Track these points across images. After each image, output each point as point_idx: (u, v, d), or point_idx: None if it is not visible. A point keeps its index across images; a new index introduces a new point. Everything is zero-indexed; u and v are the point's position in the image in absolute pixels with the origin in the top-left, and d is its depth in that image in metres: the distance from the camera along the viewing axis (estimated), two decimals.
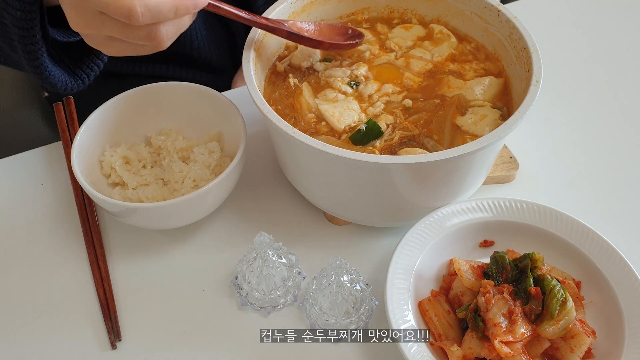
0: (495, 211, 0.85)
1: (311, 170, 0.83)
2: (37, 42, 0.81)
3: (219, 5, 0.78)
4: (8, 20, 0.80)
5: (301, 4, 0.95)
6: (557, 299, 0.71)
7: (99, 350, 0.81)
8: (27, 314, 0.84)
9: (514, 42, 0.88)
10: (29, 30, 0.80)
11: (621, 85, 1.14)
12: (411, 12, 1.01)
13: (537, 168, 0.99)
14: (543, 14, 1.28)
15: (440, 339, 0.76)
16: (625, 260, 0.78)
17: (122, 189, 0.90)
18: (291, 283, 0.83)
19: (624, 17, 1.28)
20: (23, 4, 0.77)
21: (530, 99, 0.78)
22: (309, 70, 0.94)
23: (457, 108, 0.87)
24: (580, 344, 0.72)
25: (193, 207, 0.84)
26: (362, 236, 0.91)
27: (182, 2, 0.69)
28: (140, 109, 0.95)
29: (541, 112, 1.05)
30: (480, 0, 0.92)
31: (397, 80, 0.92)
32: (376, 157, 0.73)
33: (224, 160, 0.93)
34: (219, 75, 1.27)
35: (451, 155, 0.72)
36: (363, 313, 0.80)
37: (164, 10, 0.68)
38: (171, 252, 0.90)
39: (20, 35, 0.80)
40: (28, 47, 0.81)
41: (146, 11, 0.66)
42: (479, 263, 0.80)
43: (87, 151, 0.90)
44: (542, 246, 0.82)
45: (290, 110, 0.88)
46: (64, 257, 0.90)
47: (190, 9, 0.71)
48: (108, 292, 0.85)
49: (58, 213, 0.95)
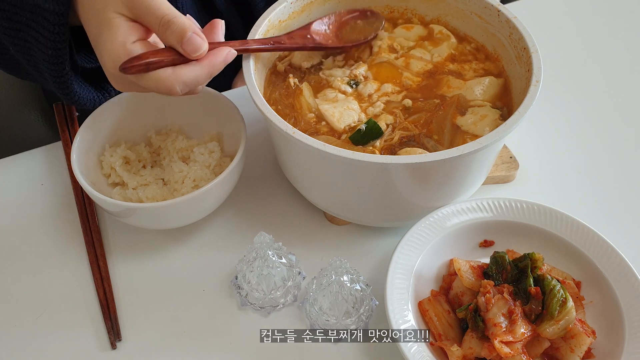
0: (495, 211, 0.85)
1: (311, 170, 0.83)
2: (66, 73, 0.84)
3: (247, 47, 0.83)
4: (39, 56, 0.82)
5: (301, 4, 0.95)
6: (557, 299, 0.71)
7: (99, 350, 0.81)
8: (27, 314, 0.84)
9: (514, 42, 0.88)
10: (59, 65, 0.82)
11: (621, 85, 1.14)
12: (411, 12, 1.01)
13: (537, 168, 0.99)
14: (543, 14, 1.28)
15: (440, 339, 0.76)
16: (625, 260, 0.78)
17: (122, 189, 0.90)
18: (291, 283, 0.83)
19: (624, 17, 1.28)
20: (54, 43, 0.79)
21: (530, 99, 0.78)
22: (309, 70, 0.94)
23: (457, 108, 0.87)
24: (580, 344, 0.72)
25: (193, 207, 0.84)
26: (362, 236, 0.91)
27: (215, 67, 0.75)
28: (140, 109, 0.95)
29: (541, 112, 1.05)
30: (480, 0, 0.92)
31: (397, 80, 0.92)
32: (376, 157, 0.73)
33: (224, 160, 0.93)
34: (219, 77, 1.27)
35: (451, 155, 0.72)
36: (363, 313, 0.80)
37: (200, 80, 0.75)
38: (171, 252, 0.90)
39: (50, 69, 0.82)
40: (58, 79, 0.84)
41: (184, 87, 0.74)
42: (479, 263, 0.80)
43: (87, 151, 0.90)
44: (542, 246, 0.82)
45: (290, 110, 0.88)
46: (64, 257, 0.90)
47: (222, 67, 0.76)
48: (108, 292, 0.85)
49: (58, 213, 0.95)
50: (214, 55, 0.75)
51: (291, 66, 0.95)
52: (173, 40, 0.72)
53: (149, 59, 0.71)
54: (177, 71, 0.72)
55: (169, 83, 0.72)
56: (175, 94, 0.74)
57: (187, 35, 0.71)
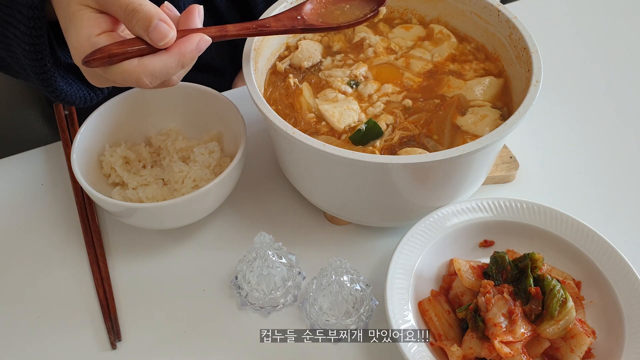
0: (495, 211, 0.85)
1: (311, 170, 0.83)
2: (48, 70, 0.82)
3: (225, 33, 0.75)
4: (20, 52, 0.80)
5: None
6: (557, 299, 0.71)
7: (99, 350, 0.81)
8: (27, 314, 0.84)
9: (514, 42, 0.88)
10: (40, 61, 0.80)
11: (621, 85, 1.14)
12: (411, 12, 1.01)
13: (537, 168, 0.99)
14: (543, 14, 1.28)
15: (440, 339, 0.76)
16: (625, 260, 0.78)
17: (122, 189, 0.90)
18: (291, 283, 0.83)
19: (624, 17, 1.28)
20: (31, 38, 0.77)
21: (530, 99, 0.78)
22: (309, 70, 0.94)
23: (457, 108, 0.87)
24: (580, 344, 0.72)
25: (193, 207, 0.84)
26: (362, 236, 0.91)
27: (185, 56, 0.70)
28: (140, 109, 0.95)
29: (541, 112, 1.05)
30: (480, 0, 0.92)
31: (397, 80, 0.92)
32: (376, 157, 0.73)
33: (224, 160, 0.93)
34: (219, 77, 1.27)
35: (451, 155, 0.72)
36: (363, 313, 0.80)
37: (170, 71, 0.70)
38: (171, 252, 0.90)
39: (31, 65, 0.81)
40: (40, 75, 0.82)
41: (153, 79, 0.69)
42: (479, 263, 0.80)
43: (87, 151, 0.90)
44: (542, 246, 0.82)
45: (290, 110, 0.88)
46: (64, 257, 0.90)
47: (195, 56, 0.71)
48: (108, 292, 0.85)
49: (58, 213, 0.95)
50: (184, 44, 0.70)
51: (291, 66, 0.95)
52: (139, 30, 0.68)
53: (111, 51, 0.67)
54: (143, 62, 0.68)
55: (135, 75, 0.68)
56: (144, 86, 0.70)
57: (153, 23, 0.67)
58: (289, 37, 0.97)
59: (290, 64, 0.95)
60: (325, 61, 0.95)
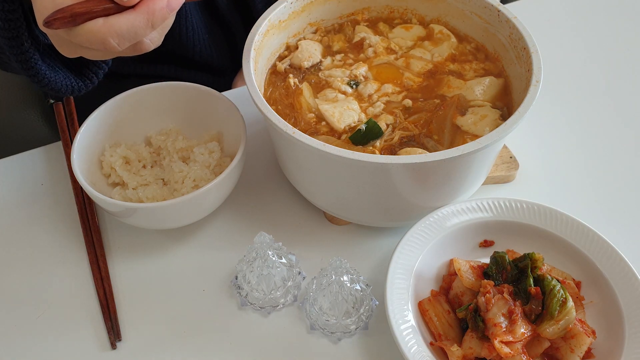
0: (495, 211, 0.85)
1: (311, 170, 0.83)
2: (26, 50, 0.79)
3: None
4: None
5: (301, 4, 0.95)
6: (557, 299, 0.71)
7: (99, 350, 0.81)
8: (27, 314, 0.84)
9: (514, 42, 0.88)
10: (16, 40, 0.78)
11: (621, 85, 1.14)
12: (411, 12, 1.01)
13: (537, 168, 0.99)
14: (543, 14, 1.28)
15: (440, 339, 0.76)
16: (625, 260, 0.78)
17: (122, 189, 0.90)
18: (291, 283, 0.83)
19: (624, 18, 1.28)
20: (4, 13, 0.75)
21: (530, 99, 0.78)
22: (309, 70, 0.94)
23: (457, 108, 0.87)
24: (580, 344, 0.72)
25: (193, 207, 0.84)
26: (362, 236, 0.91)
27: (155, 15, 0.65)
28: (140, 109, 0.95)
29: (541, 112, 1.05)
30: (480, 0, 0.92)
31: (397, 80, 0.92)
32: (376, 157, 0.73)
33: (224, 160, 0.93)
34: (219, 77, 1.27)
35: (451, 155, 0.72)
36: (363, 313, 0.80)
37: (139, 31, 0.65)
38: (171, 252, 0.90)
39: (8, 45, 0.78)
40: (19, 56, 0.79)
41: (121, 40, 0.65)
42: (479, 263, 0.80)
43: (87, 151, 0.90)
44: (542, 246, 0.82)
45: (290, 110, 0.88)
46: (64, 257, 0.90)
47: (167, 15, 0.66)
48: (108, 292, 0.85)
49: (58, 213, 0.95)
50: (153, 1, 0.65)
51: (291, 66, 0.95)
52: None
53: (74, 10, 0.63)
54: (109, 21, 0.64)
55: (100, 35, 0.64)
56: (112, 48, 0.65)
57: None
58: (289, 37, 0.97)
59: (290, 64, 0.95)
60: (325, 61, 0.95)
